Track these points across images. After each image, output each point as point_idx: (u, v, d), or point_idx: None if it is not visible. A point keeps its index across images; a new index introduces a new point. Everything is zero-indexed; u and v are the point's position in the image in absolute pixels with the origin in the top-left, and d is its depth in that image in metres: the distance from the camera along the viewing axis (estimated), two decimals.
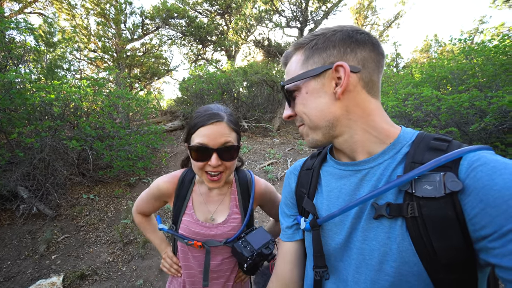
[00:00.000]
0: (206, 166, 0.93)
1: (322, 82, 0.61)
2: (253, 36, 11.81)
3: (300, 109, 0.65)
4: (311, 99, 0.63)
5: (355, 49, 0.60)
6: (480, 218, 0.45)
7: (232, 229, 1.04)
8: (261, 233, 1.02)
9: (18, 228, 3.71)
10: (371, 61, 0.60)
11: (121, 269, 3.13)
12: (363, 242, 0.58)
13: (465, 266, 0.48)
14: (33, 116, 4.28)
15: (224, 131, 0.92)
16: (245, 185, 1.12)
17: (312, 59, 0.62)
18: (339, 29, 0.62)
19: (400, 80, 7.32)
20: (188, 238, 1.01)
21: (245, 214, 1.07)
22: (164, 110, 10.11)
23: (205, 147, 0.90)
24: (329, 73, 0.60)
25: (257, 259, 0.95)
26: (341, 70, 0.58)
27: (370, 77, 0.61)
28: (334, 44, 0.60)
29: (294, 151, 6.97)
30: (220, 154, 0.92)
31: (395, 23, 15.16)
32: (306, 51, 0.63)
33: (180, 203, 1.05)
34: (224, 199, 1.09)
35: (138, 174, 5.15)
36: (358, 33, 0.61)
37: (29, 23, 4.44)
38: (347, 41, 0.60)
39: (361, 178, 0.62)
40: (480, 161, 0.47)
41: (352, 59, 0.59)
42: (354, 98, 0.60)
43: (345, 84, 0.58)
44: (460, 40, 5.06)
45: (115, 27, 9.46)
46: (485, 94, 3.49)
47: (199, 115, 0.95)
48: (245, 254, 0.93)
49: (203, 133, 0.91)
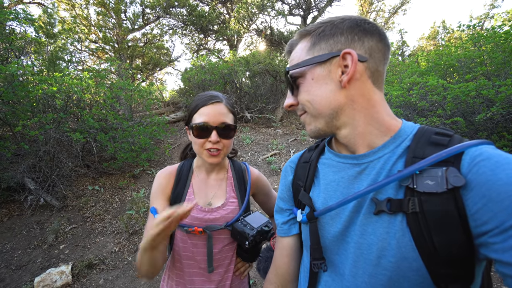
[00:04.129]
0: (206, 143, 1.01)
1: (328, 69, 0.60)
2: (255, 25, 11.58)
3: (303, 97, 0.64)
4: (316, 86, 0.61)
5: (362, 38, 0.59)
6: (482, 214, 0.44)
7: (231, 212, 1.07)
8: (258, 215, 1.07)
9: (27, 218, 3.81)
10: (377, 51, 0.59)
11: (127, 259, 3.21)
12: (361, 236, 0.57)
13: (464, 261, 0.48)
14: (37, 108, 4.31)
15: (222, 110, 1.02)
16: (240, 172, 1.19)
17: (318, 45, 0.61)
18: (347, 17, 0.61)
19: (405, 69, 7.17)
20: (188, 226, 1.02)
21: (242, 199, 1.13)
22: (166, 101, 10.09)
23: (206, 124, 0.99)
24: (336, 60, 0.59)
25: (258, 237, 0.97)
26: (348, 57, 0.57)
27: (376, 67, 0.60)
28: (341, 31, 0.59)
29: (297, 142, 6.95)
30: (219, 132, 1.00)
31: (401, 10, 14.72)
32: (313, 38, 0.62)
33: (180, 190, 1.08)
34: (221, 184, 1.13)
35: (142, 165, 5.20)
36: (366, 23, 0.60)
37: (28, 13, 4.39)
38: (355, 29, 0.59)
39: (359, 172, 0.61)
40: (483, 156, 0.47)
41: (360, 48, 0.58)
42: (360, 87, 0.59)
43: (352, 72, 0.57)
44: (469, 26, 4.88)
45: (116, 17, 9.34)
46: (493, 82, 3.40)
47: (200, 98, 1.05)
48: (246, 231, 0.96)
49: (204, 112, 1.00)
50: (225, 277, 1.10)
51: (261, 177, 1.24)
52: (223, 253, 1.08)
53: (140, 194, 4.36)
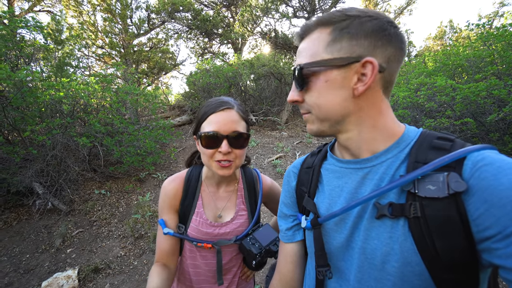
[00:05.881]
0: (216, 154, 0.92)
1: (344, 74, 0.55)
2: (259, 28, 11.61)
3: (312, 100, 0.60)
4: (328, 90, 0.57)
5: (385, 45, 0.54)
6: (484, 219, 0.44)
7: (240, 226, 1.04)
8: (267, 230, 1.03)
9: (35, 222, 3.85)
10: (395, 60, 0.56)
11: (133, 263, 3.21)
12: (365, 241, 0.57)
13: (467, 266, 0.47)
14: (45, 113, 4.38)
15: (234, 118, 0.92)
16: (252, 182, 1.12)
17: (339, 44, 0.55)
18: (375, 15, 0.55)
19: (412, 69, 7.07)
20: (198, 240, 0.99)
21: (252, 211, 1.07)
22: (172, 104, 10.16)
23: (216, 133, 0.89)
24: (355, 66, 0.54)
25: (265, 257, 0.95)
26: (368, 66, 0.53)
27: (390, 77, 0.58)
28: (366, 34, 0.54)
29: (302, 144, 6.89)
30: (230, 141, 0.91)
31: (407, 10, 14.56)
32: (335, 32, 0.55)
33: (189, 202, 1.04)
34: (231, 196, 1.08)
35: (148, 169, 5.22)
36: (392, 27, 0.55)
37: (38, 21, 4.48)
38: (380, 33, 0.54)
39: (363, 176, 0.60)
40: (485, 161, 0.46)
41: (381, 56, 0.54)
42: (371, 97, 0.57)
43: (370, 83, 0.54)
44: (478, 25, 4.77)
45: (122, 22, 9.49)
46: (504, 82, 3.31)
47: (209, 104, 0.95)
48: (254, 251, 0.93)
49: (213, 120, 0.91)
50: (232, 282, 1.10)
51: (273, 186, 1.17)
52: (232, 262, 1.08)
53: (146, 198, 4.38)
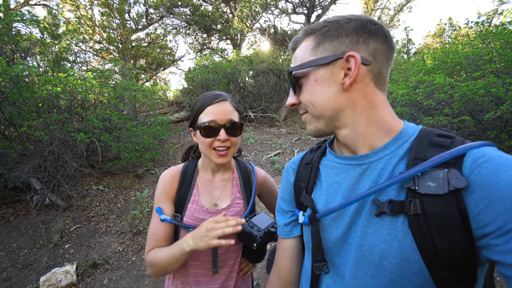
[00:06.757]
0: (214, 142, 1.01)
1: (331, 71, 0.60)
2: (258, 24, 11.53)
3: (305, 98, 0.64)
4: (318, 88, 0.62)
5: (367, 40, 0.58)
6: (484, 216, 0.44)
7: (236, 214, 1.07)
8: (264, 216, 1.06)
9: (32, 218, 3.85)
10: (382, 53, 0.59)
11: (131, 259, 3.22)
12: (362, 237, 0.57)
13: (466, 263, 0.48)
14: (42, 109, 4.35)
15: (228, 108, 1.03)
16: (246, 173, 1.18)
17: (323, 46, 0.60)
18: (354, 17, 0.60)
19: (411, 67, 7.07)
20: (194, 227, 1.00)
21: (247, 200, 1.12)
22: (170, 100, 10.12)
23: (214, 123, 0.99)
24: (340, 62, 0.59)
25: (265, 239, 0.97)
26: (352, 60, 0.57)
27: (379, 70, 0.60)
28: (347, 33, 0.59)
29: (301, 141, 6.91)
30: (227, 130, 1.01)
31: (407, 7, 14.54)
32: (317, 37, 0.62)
33: (185, 191, 1.07)
34: (227, 185, 1.13)
35: (146, 165, 5.21)
36: (372, 24, 0.59)
37: (34, 15, 4.42)
38: (360, 30, 0.58)
39: (361, 173, 0.61)
40: (485, 158, 0.46)
41: (364, 50, 0.58)
42: (362, 90, 0.59)
43: (355, 75, 0.57)
44: (477, 23, 4.78)
45: (119, 17, 9.38)
46: (502, 80, 3.32)
47: (205, 97, 1.05)
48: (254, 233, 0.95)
49: (210, 111, 1.00)
50: (229, 277, 1.10)
51: (267, 178, 1.23)
52: (228, 253, 1.09)
53: (144, 194, 4.38)
